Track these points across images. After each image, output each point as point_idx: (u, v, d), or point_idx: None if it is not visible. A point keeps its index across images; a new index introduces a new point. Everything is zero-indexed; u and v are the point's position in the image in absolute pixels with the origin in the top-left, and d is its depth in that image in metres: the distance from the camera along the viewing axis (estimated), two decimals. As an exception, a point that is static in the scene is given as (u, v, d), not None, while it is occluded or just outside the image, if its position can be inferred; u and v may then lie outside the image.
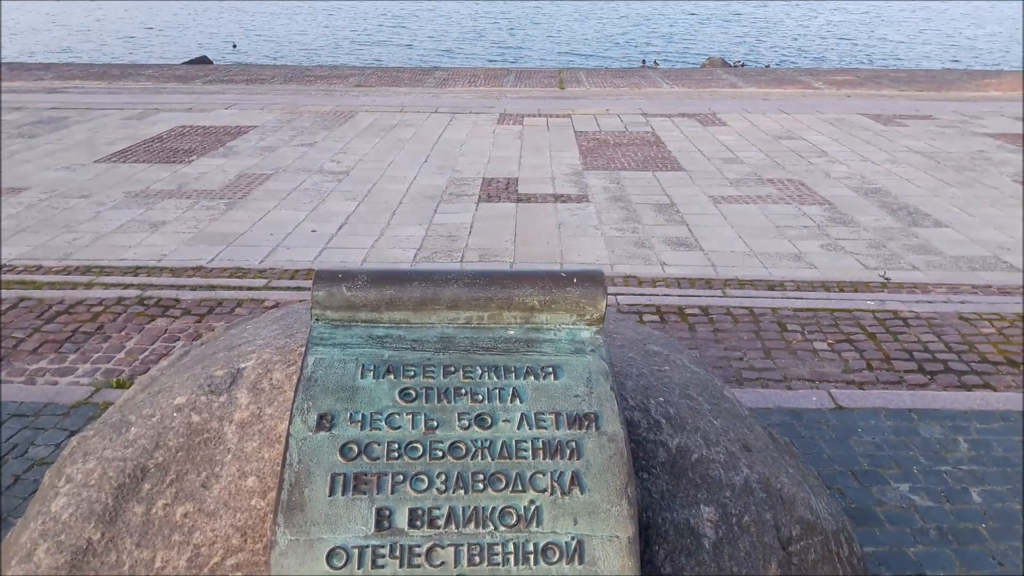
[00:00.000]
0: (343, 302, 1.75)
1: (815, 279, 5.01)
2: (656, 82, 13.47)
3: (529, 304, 1.75)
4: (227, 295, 4.66)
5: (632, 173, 7.62)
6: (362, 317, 1.75)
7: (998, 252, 5.55)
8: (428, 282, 1.76)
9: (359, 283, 1.75)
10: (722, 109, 10.83)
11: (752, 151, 8.47)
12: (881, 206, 6.59)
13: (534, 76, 14.22)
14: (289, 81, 13.05)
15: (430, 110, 10.63)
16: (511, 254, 5.51)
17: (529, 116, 10.32)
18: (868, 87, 12.93)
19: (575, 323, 1.76)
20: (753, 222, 6.18)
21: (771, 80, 13.91)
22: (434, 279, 1.76)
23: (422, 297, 1.75)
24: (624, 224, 6.14)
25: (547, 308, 1.75)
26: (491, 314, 1.75)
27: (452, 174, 7.53)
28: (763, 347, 4.04)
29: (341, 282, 1.75)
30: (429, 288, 1.75)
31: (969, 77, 14.54)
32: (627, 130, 9.50)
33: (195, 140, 8.75)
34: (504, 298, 1.75)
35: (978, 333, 4.22)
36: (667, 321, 4.32)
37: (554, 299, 1.75)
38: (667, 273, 5.15)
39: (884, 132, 9.41)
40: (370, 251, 5.54)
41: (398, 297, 1.74)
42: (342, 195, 6.82)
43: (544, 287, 1.75)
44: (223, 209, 6.40)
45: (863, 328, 4.26)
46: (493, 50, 29.54)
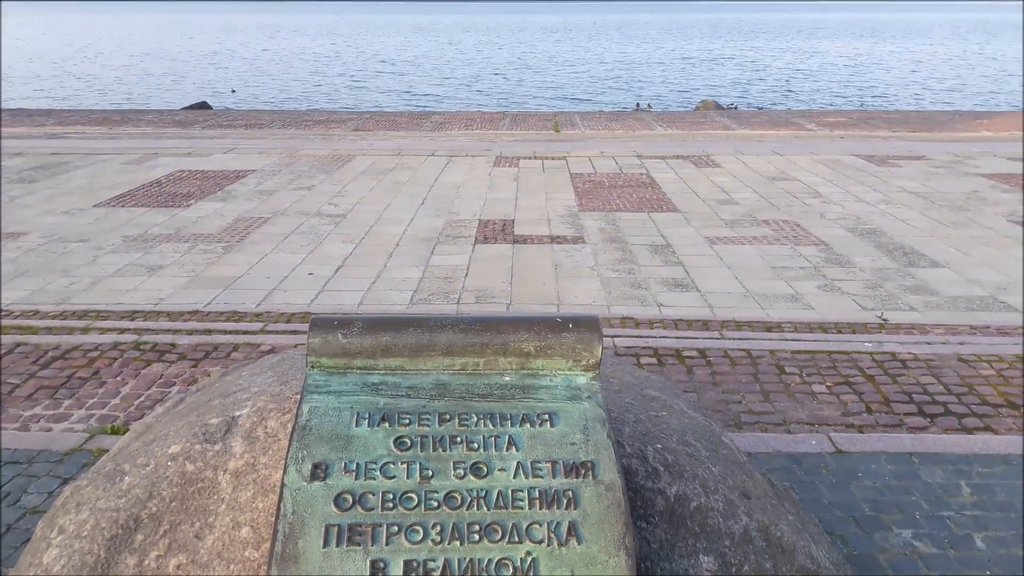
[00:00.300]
0: (339, 349, 1.74)
1: (813, 320, 5.01)
2: (650, 125, 13.64)
3: (525, 350, 1.74)
4: (223, 339, 4.65)
5: (627, 214, 7.67)
6: (357, 364, 1.75)
7: (996, 292, 5.56)
8: (423, 328, 1.76)
9: (355, 330, 1.74)
10: (716, 151, 10.95)
11: (747, 192, 8.54)
12: (877, 247, 6.62)
13: (530, 119, 14.40)
14: (288, 126, 13.20)
15: (427, 153, 10.74)
16: (507, 295, 5.52)
17: (525, 158, 10.43)
18: (861, 128, 13.10)
19: (571, 369, 1.75)
20: (749, 263, 6.20)
21: (764, 122, 14.09)
22: (429, 325, 1.76)
23: (417, 343, 1.74)
24: (620, 265, 6.16)
25: (543, 354, 1.75)
26: (487, 360, 1.75)
27: (448, 216, 7.58)
28: (761, 390, 4.02)
29: (337, 329, 1.74)
30: (424, 334, 1.75)
31: (961, 118, 14.75)
32: (622, 172, 9.59)
33: (194, 184, 8.82)
34: (500, 344, 1.74)
35: (977, 375, 4.20)
36: (665, 364, 4.30)
37: (550, 345, 1.74)
38: (664, 315, 5.15)
39: (878, 173, 9.50)
40: (366, 293, 5.54)
41: (394, 343, 1.74)
42: (339, 238, 6.85)
43: (540, 333, 1.75)
44: (220, 253, 6.41)
45: (861, 370, 4.24)
46: (489, 94, 29.97)
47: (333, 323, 1.75)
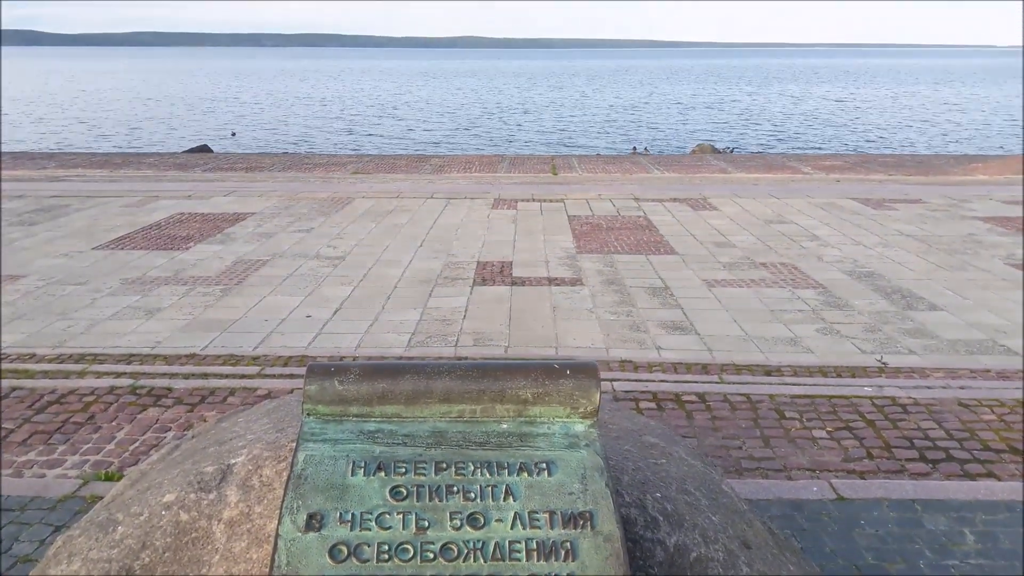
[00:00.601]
0: (335, 396, 1.73)
1: (812, 364, 4.99)
2: (647, 168, 13.78)
3: (522, 397, 1.73)
4: (220, 383, 4.62)
5: (625, 256, 7.70)
6: (353, 411, 1.73)
7: (995, 336, 5.55)
8: (421, 375, 1.75)
9: (351, 377, 1.74)
10: (713, 194, 11.04)
11: (744, 235, 8.58)
12: (875, 290, 6.63)
13: (528, 162, 14.55)
14: (288, 169, 13.33)
15: (426, 195, 10.82)
16: (506, 338, 5.51)
17: (523, 201, 10.51)
18: (856, 172, 13.23)
19: (569, 416, 1.74)
20: (748, 306, 6.20)
21: (760, 165, 14.23)
22: (427, 372, 1.75)
23: (414, 390, 1.73)
24: (619, 307, 6.16)
25: (541, 401, 1.74)
26: (484, 407, 1.74)
27: (447, 258, 7.60)
28: (762, 435, 3.99)
29: (333, 376, 1.73)
30: (422, 381, 1.74)
31: (956, 162, 14.91)
32: (620, 214, 9.66)
33: (193, 227, 8.86)
34: (497, 391, 1.73)
35: (979, 420, 4.17)
36: (664, 409, 4.27)
37: (547, 392, 1.73)
38: (663, 358, 5.13)
39: (875, 216, 9.57)
40: (364, 336, 5.53)
41: (390, 391, 1.73)
42: (337, 280, 6.86)
43: (537, 379, 1.74)
44: (219, 295, 6.42)
45: (862, 415, 4.21)
46: (488, 138, 30.32)
47: (329, 370, 1.74)
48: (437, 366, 1.77)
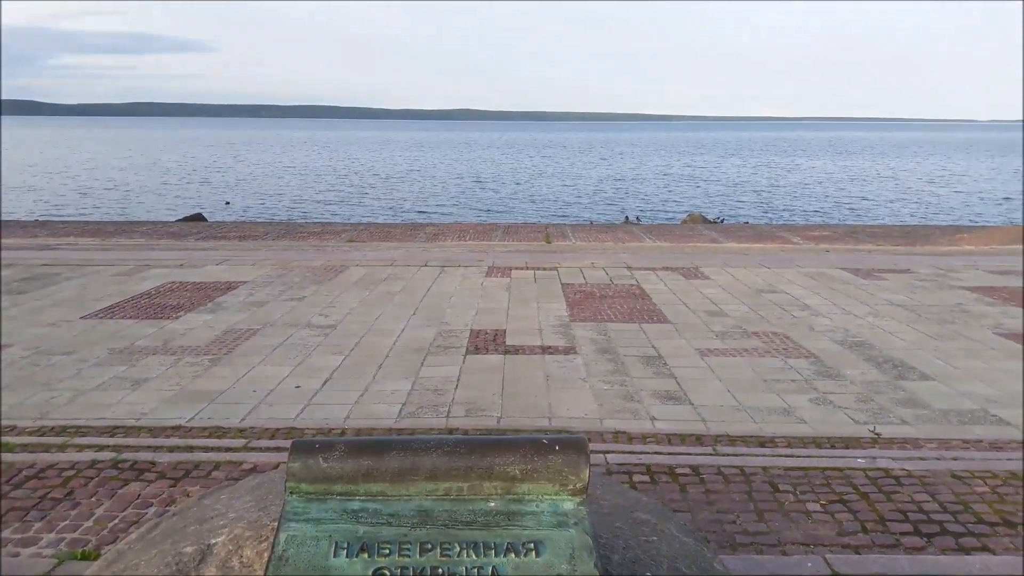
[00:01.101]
0: (319, 474, 1.69)
1: (806, 435, 4.94)
2: (639, 237, 13.91)
3: (510, 474, 1.69)
4: (205, 457, 4.53)
5: (619, 325, 7.69)
6: (337, 490, 1.69)
7: (986, 405, 5.53)
8: (407, 452, 1.71)
9: (336, 454, 1.70)
10: (704, 263, 11.13)
11: (736, 304, 8.61)
12: (867, 359, 6.63)
13: (522, 231, 14.68)
14: (281, 237, 13.40)
15: (420, 263, 10.87)
16: (498, 408, 5.44)
17: (517, 269, 10.56)
18: (845, 242, 13.39)
19: (557, 493, 1.70)
20: (741, 375, 6.17)
21: (750, 235, 14.40)
22: (413, 448, 1.72)
23: (400, 468, 1.70)
24: (612, 377, 6.12)
25: (529, 478, 1.70)
26: (471, 485, 1.70)
27: (440, 326, 7.58)
28: (756, 509, 3.91)
29: (318, 453, 1.70)
30: (408, 458, 1.70)
31: (942, 232, 15.13)
32: (612, 283, 9.70)
33: (184, 296, 8.84)
34: (485, 467, 1.70)
35: (972, 492, 4.12)
36: (658, 482, 4.20)
37: (536, 468, 1.70)
38: (657, 428, 5.07)
39: (864, 286, 9.64)
40: (354, 407, 5.46)
41: (375, 468, 1.69)
42: (328, 349, 6.81)
43: (526, 455, 1.71)
44: (207, 366, 6.35)
45: (855, 487, 4.15)
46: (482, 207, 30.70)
47: (314, 447, 1.70)
48: (424, 442, 1.74)
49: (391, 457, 1.70)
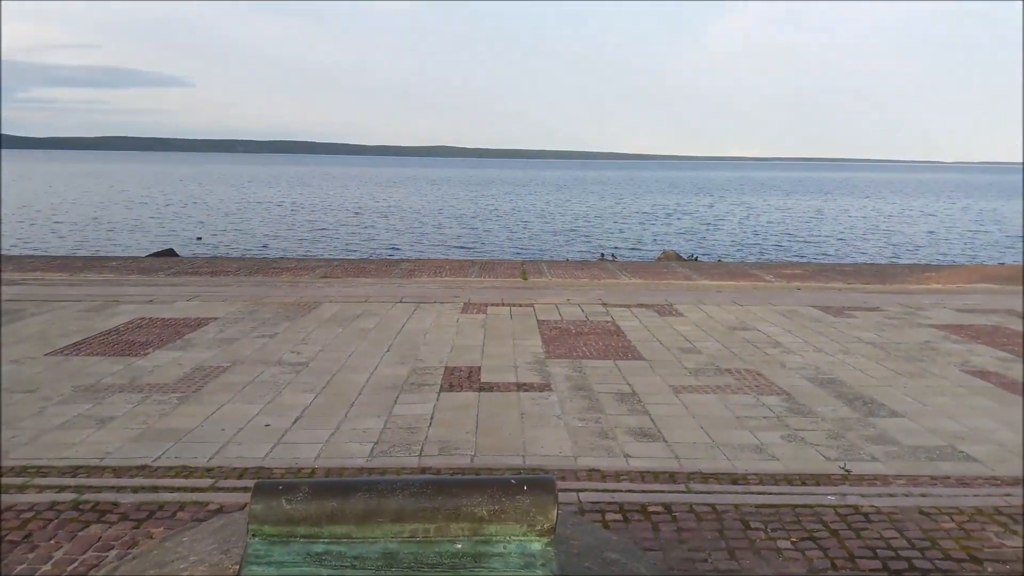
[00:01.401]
0: (282, 516, 1.65)
1: (777, 472, 4.95)
2: (615, 274, 13.99)
3: (478, 515, 1.67)
4: (170, 497, 4.42)
5: (594, 362, 7.70)
6: (301, 532, 1.66)
7: (954, 442, 5.59)
8: (373, 493, 1.68)
9: (300, 495, 1.67)
10: (678, 300, 11.20)
11: (709, 341, 8.66)
12: (837, 396, 6.68)
13: (498, 267, 14.69)
14: (254, 273, 13.28)
15: (394, 300, 10.82)
16: (472, 446, 5.39)
17: (493, 305, 10.55)
18: (817, 280, 13.56)
19: (525, 534, 1.68)
20: (714, 412, 6.19)
21: (724, 273, 14.55)
22: (379, 489, 1.69)
23: (366, 509, 1.67)
24: (587, 414, 6.11)
25: (496, 519, 1.68)
26: (438, 526, 1.67)
27: (414, 363, 7.53)
28: (727, 547, 3.90)
29: (281, 494, 1.66)
30: (373, 499, 1.68)
31: (911, 271, 15.39)
32: (588, 319, 9.72)
33: (153, 332, 8.70)
34: (452, 508, 1.68)
35: (939, 528, 4.16)
36: (631, 520, 4.17)
37: (503, 509, 1.68)
38: (631, 466, 5.05)
39: (835, 323, 9.75)
40: (325, 446, 5.37)
41: (340, 510, 1.66)
42: (300, 387, 6.73)
43: (493, 496, 1.69)
44: (175, 403, 6.24)
45: (825, 524, 4.16)
46: (459, 243, 30.77)
47: (277, 488, 1.67)
48: (390, 483, 1.71)
49: (356, 499, 1.67)
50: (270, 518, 1.65)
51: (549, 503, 1.68)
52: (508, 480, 1.72)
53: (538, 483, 1.72)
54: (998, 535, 4.10)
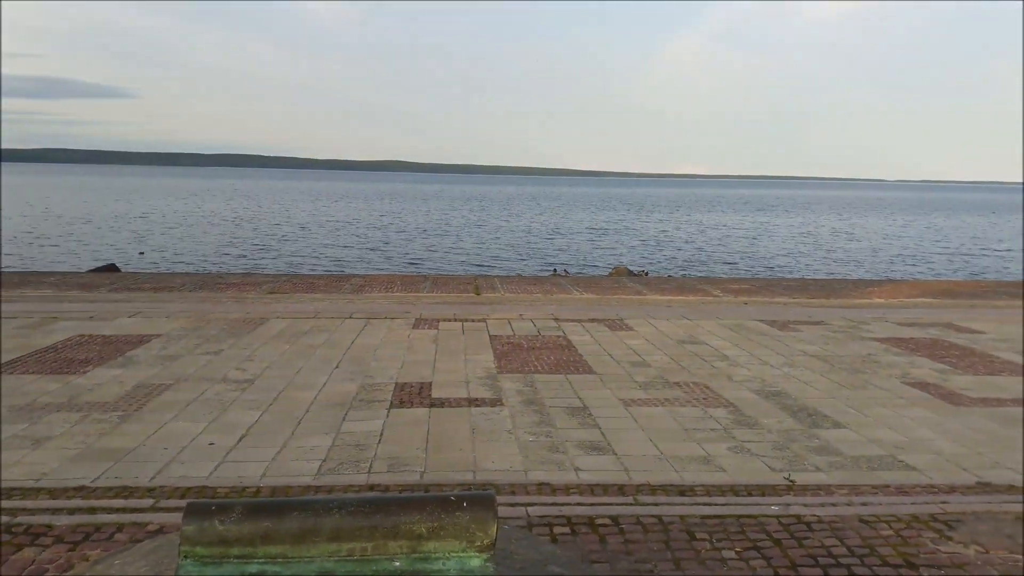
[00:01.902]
0: (215, 537, 1.62)
1: (724, 483, 5.03)
2: (567, 289, 14.08)
3: (416, 532, 1.66)
4: (108, 519, 4.28)
5: (545, 376, 7.72)
6: (235, 552, 1.62)
7: (895, 452, 5.75)
8: (309, 512, 1.66)
9: (233, 516, 1.63)
10: (629, 315, 11.32)
11: (658, 355, 8.77)
12: (782, 408, 6.82)
13: (451, 283, 14.65)
14: (199, 288, 13.00)
15: (344, 316, 10.70)
16: (422, 462, 5.35)
17: (445, 321, 10.51)
18: (763, 295, 13.86)
19: (464, 551, 1.67)
20: (662, 425, 6.26)
21: (673, 288, 14.76)
22: (315, 508, 1.67)
23: (301, 529, 1.64)
24: (538, 428, 6.12)
25: (435, 536, 1.67)
26: (375, 544, 1.65)
27: (363, 380, 7.45)
28: (673, 557, 3.95)
29: (214, 515, 1.63)
30: (309, 519, 1.65)
31: (854, 286, 15.83)
32: (540, 334, 9.75)
33: (93, 350, 8.44)
34: (390, 527, 1.66)
35: (878, 535, 4.27)
36: (578, 533, 4.18)
37: (442, 526, 1.67)
38: (581, 479, 5.07)
39: (780, 337, 9.97)
40: (271, 464, 5.27)
41: (275, 530, 1.63)
42: (245, 404, 6.60)
43: (432, 513, 1.68)
44: (115, 423, 6.05)
45: (769, 534, 4.24)
46: (410, 258, 30.62)
47: (210, 509, 1.63)
48: (327, 502, 1.69)
49: (292, 518, 1.65)
50: (202, 539, 1.61)
51: (489, 519, 1.68)
52: (447, 497, 1.71)
53: (478, 499, 1.71)
54: (933, 541, 4.23)
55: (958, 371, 8.30)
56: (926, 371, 8.29)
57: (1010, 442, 6.01)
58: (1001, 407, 6.98)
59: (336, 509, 1.66)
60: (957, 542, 4.22)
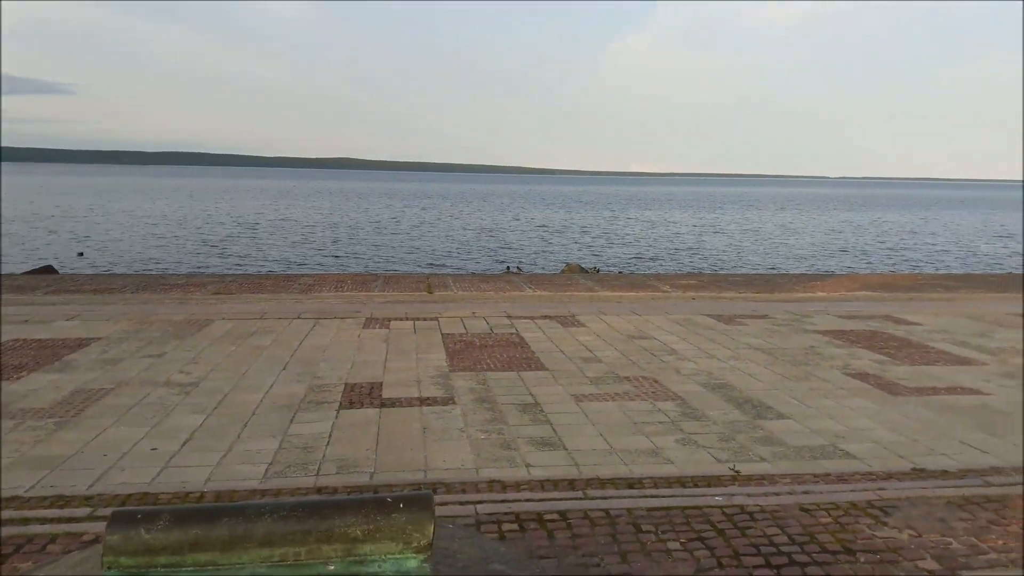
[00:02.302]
0: (140, 546, 1.57)
1: (672, 475, 5.10)
2: (520, 286, 14.10)
3: (351, 535, 1.64)
4: (41, 529, 4.14)
5: (498, 374, 7.72)
6: (162, 562, 1.57)
7: (835, 441, 5.90)
8: (239, 517, 1.62)
9: (160, 524, 1.59)
10: (580, 311, 11.40)
11: (609, 350, 8.85)
12: (728, 400, 6.94)
13: (403, 281, 14.55)
14: (141, 290, 12.65)
15: (292, 316, 10.54)
16: (372, 463, 5.30)
17: (396, 320, 10.43)
18: (710, 290, 14.08)
19: (401, 552, 1.65)
20: (613, 419, 6.31)
21: (624, 284, 14.90)
22: (246, 514, 1.63)
23: (231, 535, 1.60)
24: (490, 426, 6.11)
25: (371, 538, 1.65)
26: (309, 549, 1.62)
27: (312, 381, 7.34)
28: (619, 550, 3.99)
29: (140, 524, 1.58)
30: (240, 525, 1.61)
31: (797, 280, 16.20)
32: (493, 332, 9.75)
33: (28, 354, 8.15)
34: (324, 530, 1.63)
35: (817, 523, 4.39)
36: (527, 529, 4.19)
37: (379, 528, 1.65)
38: (532, 475, 5.08)
39: (726, 331, 10.15)
40: (216, 469, 5.16)
41: (204, 537, 1.59)
42: (189, 408, 6.44)
43: (368, 515, 1.65)
44: (52, 429, 5.85)
45: (713, 524, 4.32)
46: (362, 256, 30.30)
47: (135, 517, 1.58)
48: (258, 507, 1.65)
49: (221, 525, 1.61)
50: (127, 549, 1.56)
51: (426, 519, 1.67)
52: (384, 498, 1.69)
53: (414, 500, 1.70)
54: (870, 527, 4.36)
55: (896, 362, 8.57)
56: (866, 362, 8.53)
57: (944, 429, 6.22)
58: (936, 395, 7.22)
59: (268, 514, 1.63)
60: (892, 527, 4.35)
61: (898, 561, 3.95)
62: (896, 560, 3.96)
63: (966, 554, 4.05)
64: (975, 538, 4.23)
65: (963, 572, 3.84)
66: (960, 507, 4.65)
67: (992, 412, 6.72)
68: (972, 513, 4.56)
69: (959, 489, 4.94)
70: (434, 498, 1.71)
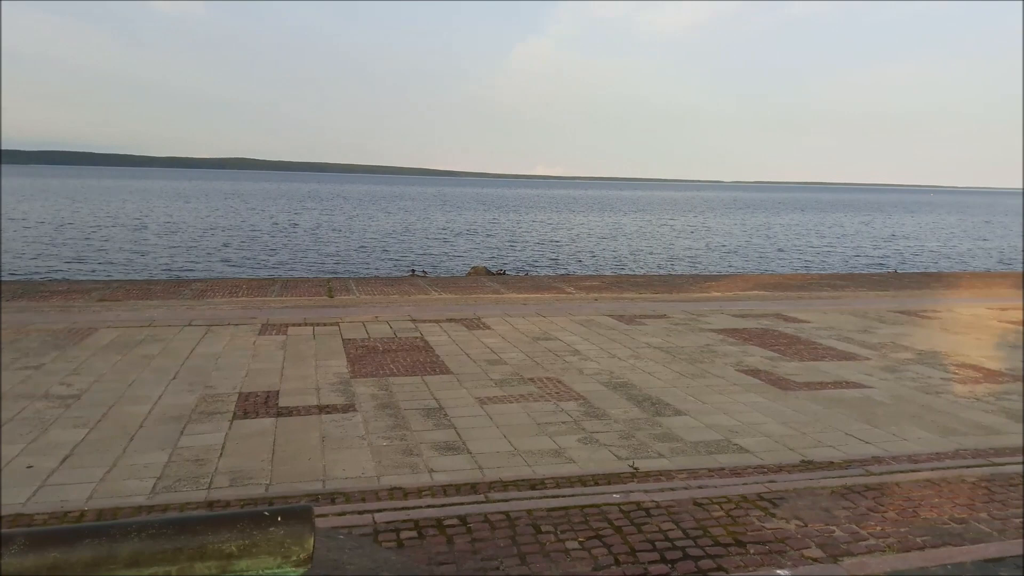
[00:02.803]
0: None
1: (573, 474, 5.16)
2: (425, 289, 13.99)
3: (226, 551, 1.56)
4: None
5: (401, 379, 7.62)
6: None
7: (729, 436, 6.12)
8: (103, 538, 1.52)
9: (16, 548, 1.46)
10: (486, 313, 11.41)
11: (514, 352, 8.89)
12: (629, 398, 7.09)
13: (302, 285, 14.18)
14: (17, 298, 11.83)
15: (183, 323, 10.09)
16: (268, 475, 5.12)
17: (294, 325, 10.14)
18: (612, 291, 14.39)
19: (280, 566, 1.59)
20: (517, 421, 6.34)
21: (529, 286, 15.03)
22: (110, 533, 1.53)
23: (95, 557, 1.50)
24: (392, 432, 6.02)
25: (247, 553, 1.57)
26: (180, 567, 1.53)
27: (204, 391, 7.04)
28: (519, 552, 4.00)
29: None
30: (104, 545, 1.51)
31: (694, 281, 16.76)
32: (396, 336, 9.62)
33: None
34: (196, 547, 1.55)
35: (710, 517, 4.53)
36: (425, 536, 4.14)
37: (255, 543, 1.58)
38: (435, 480, 5.03)
39: (627, 331, 10.38)
40: (99, 485, 4.87)
41: (64, 560, 1.48)
42: (70, 422, 6.06)
43: (244, 530, 1.58)
44: (-91, 450, 5.38)
45: (610, 522, 4.40)
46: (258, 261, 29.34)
47: (-16, 542, 1.46)
48: (123, 526, 1.55)
49: (83, 546, 1.50)
50: None
51: (305, 532, 1.61)
52: (261, 512, 1.62)
53: (293, 513, 1.63)
54: (760, 519, 4.54)
55: (786, 358, 8.98)
56: (758, 359, 8.90)
57: (831, 422, 6.56)
58: (823, 390, 7.61)
59: (135, 533, 1.53)
60: (780, 518, 4.54)
61: (785, 551, 4.12)
62: (783, 550, 4.13)
63: (847, 541, 4.27)
64: (856, 525, 4.46)
65: (845, 559, 4.04)
66: (843, 496, 4.90)
67: (874, 404, 7.13)
68: (854, 502, 4.81)
69: (842, 479, 5.21)
70: (314, 510, 1.65)
